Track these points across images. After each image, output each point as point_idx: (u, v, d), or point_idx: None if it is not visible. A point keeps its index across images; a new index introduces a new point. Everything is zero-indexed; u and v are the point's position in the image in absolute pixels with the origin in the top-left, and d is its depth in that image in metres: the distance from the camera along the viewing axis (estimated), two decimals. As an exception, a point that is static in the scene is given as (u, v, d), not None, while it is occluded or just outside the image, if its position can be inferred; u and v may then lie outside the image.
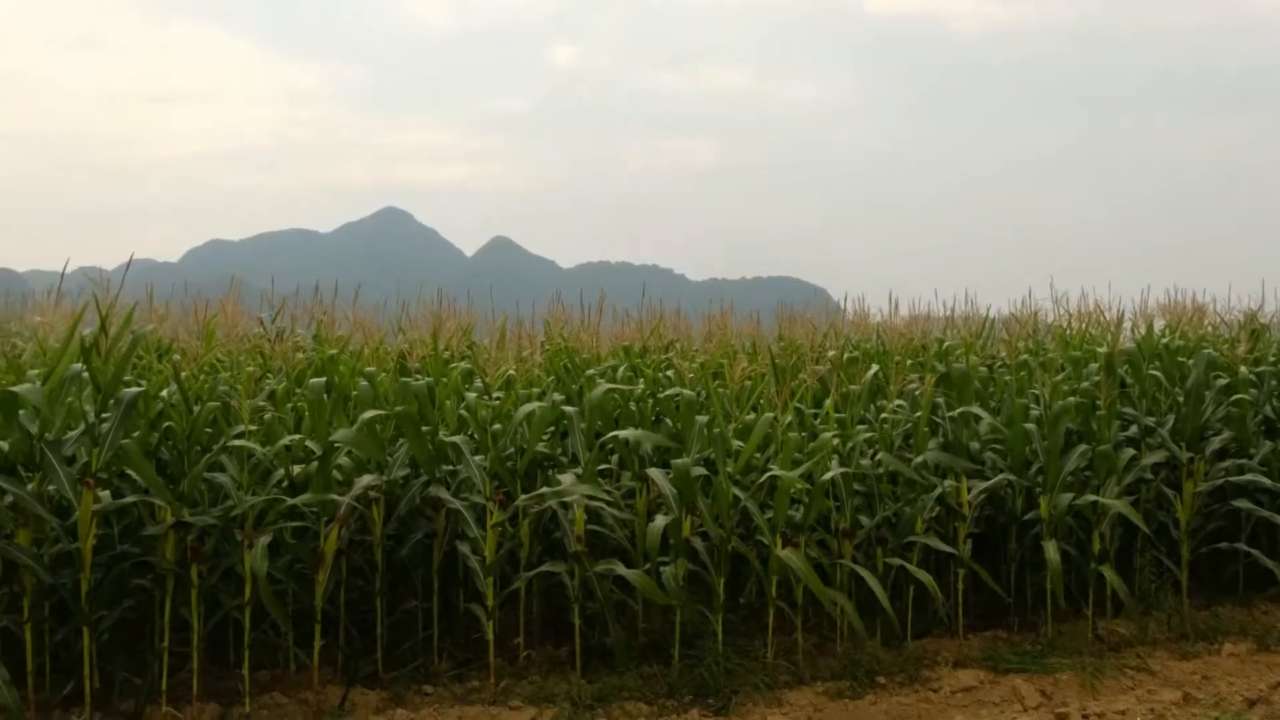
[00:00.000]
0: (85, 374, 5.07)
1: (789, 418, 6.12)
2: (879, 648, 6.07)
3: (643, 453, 6.35)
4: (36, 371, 5.32)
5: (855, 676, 5.75)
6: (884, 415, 6.73)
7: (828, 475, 5.89)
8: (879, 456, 6.44)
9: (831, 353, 7.99)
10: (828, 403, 6.55)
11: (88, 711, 4.95)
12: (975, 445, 6.88)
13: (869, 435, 6.53)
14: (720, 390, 6.63)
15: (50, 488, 4.97)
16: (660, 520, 5.56)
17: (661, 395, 6.69)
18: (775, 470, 5.75)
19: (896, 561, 6.19)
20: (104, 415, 5.06)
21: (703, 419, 6.04)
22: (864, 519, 6.28)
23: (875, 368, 7.30)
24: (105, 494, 5.19)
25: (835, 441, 6.21)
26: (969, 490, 6.46)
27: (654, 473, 5.80)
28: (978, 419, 6.88)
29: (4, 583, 5.12)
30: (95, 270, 6.29)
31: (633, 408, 6.62)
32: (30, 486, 4.94)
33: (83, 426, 5.08)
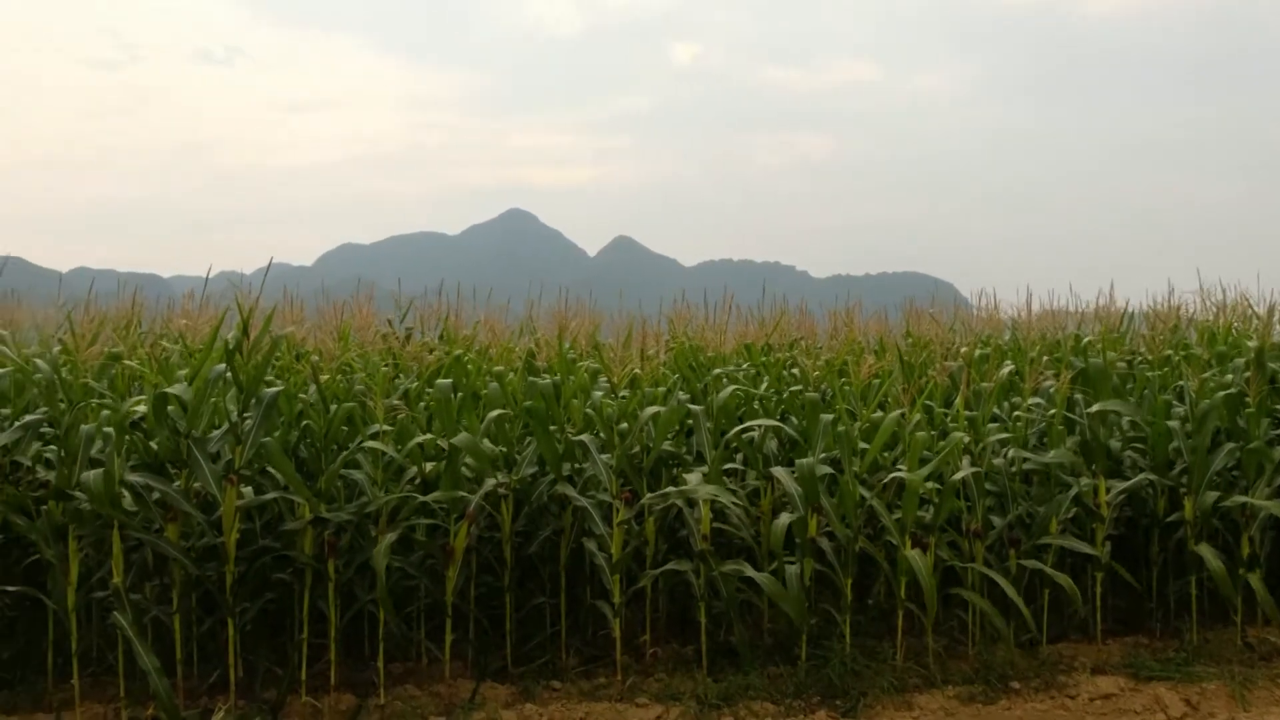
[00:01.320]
0: (228, 375, 5.28)
1: (917, 416, 6.01)
2: (1012, 651, 5.91)
3: (767, 451, 6.32)
4: (184, 373, 5.56)
5: (988, 681, 5.62)
6: (1017, 413, 6.56)
7: (958, 475, 5.76)
8: (1011, 455, 6.27)
9: (962, 349, 7.82)
10: (958, 400, 6.40)
11: (232, 699, 5.15)
12: (1115, 444, 6.65)
13: (1002, 434, 6.36)
14: (846, 388, 6.56)
15: (196, 484, 5.20)
16: (784, 518, 5.52)
17: (786, 394, 6.64)
18: (903, 469, 5.66)
19: (1031, 564, 6.02)
20: (246, 414, 5.26)
21: (828, 417, 5.98)
22: (996, 519, 6.13)
23: (1009, 364, 7.12)
24: (248, 490, 5.40)
25: (966, 440, 6.08)
26: (1107, 490, 6.25)
27: (779, 472, 5.76)
28: (1117, 416, 6.64)
29: (155, 574, 5.38)
30: (234, 274, 6.53)
31: (757, 406, 6.58)
32: (178, 483, 5.17)
33: (226, 425, 5.29)
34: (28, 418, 5.19)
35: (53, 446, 5.42)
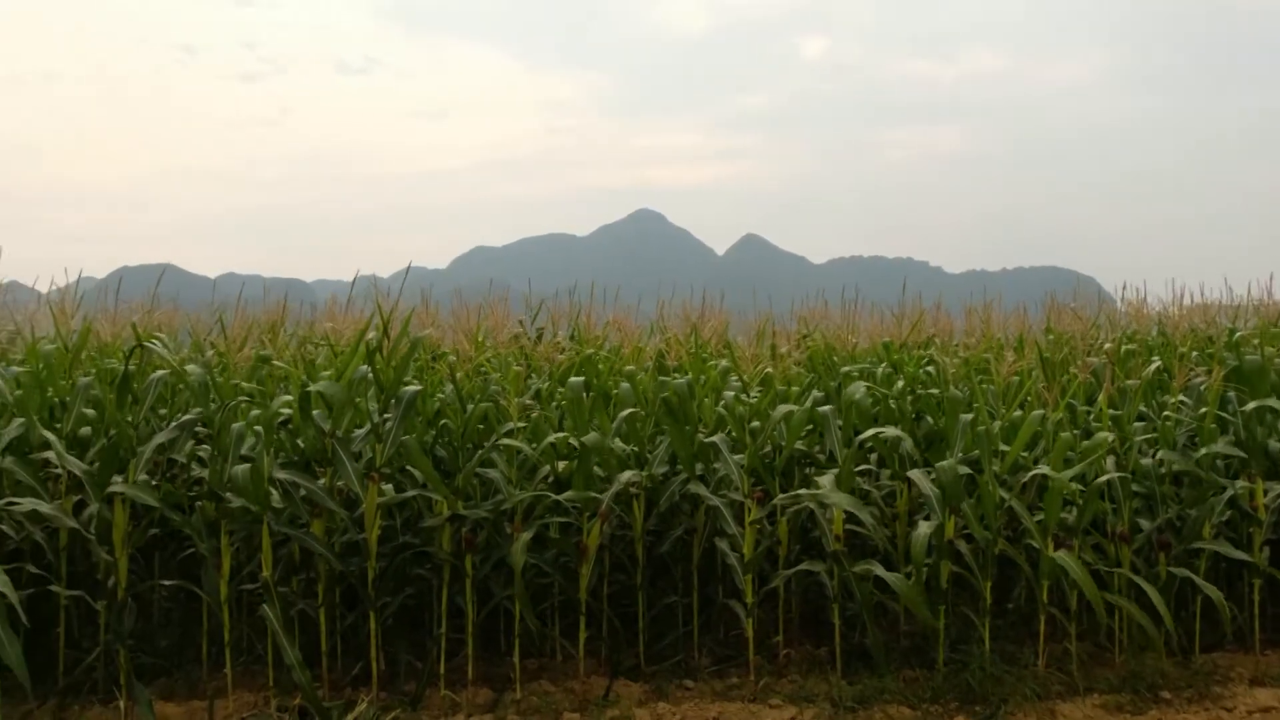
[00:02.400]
0: (370, 375, 5.43)
1: (1060, 415, 5.83)
2: (1162, 660, 5.68)
3: (903, 452, 6.20)
4: (328, 374, 5.74)
5: (1136, 690, 5.42)
6: (1165, 412, 6.30)
7: (1104, 476, 5.57)
8: (1160, 455, 6.03)
9: (1106, 345, 7.55)
10: (1101, 398, 6.18)
11: (375, 691, 5.30)
12: (1274, 444, 6.33)
13: (1149, 435, 6.12)
14: (985, 387, 6.40)
15: (340, 482, 5.36)
16: (925, 527, 5.38)
17: (922, 392, 6.52)
18: (1045, 470, 5.49)
19: (1182, 571, 5.77)
20: (386, 414, 5.40)
21: (966, 417, 5.84)
22: (1143, 522, 5.90)
23: (1155, 361, 6.85)
24: (388, 488, 5.54)
25: (1111, 439, 5.86)
26: (1265, 493, 5.95)
27: (915, 474, 5.64)
28: (1275, 415, 6.33)
29: (301, 569, 5.57)
30: (373, 278, 6.72)
31: (892, 405, 6.48)
32: (322, 481, 5.35)
33: (368, 425, 5.45)
34: (183, 417, 5.42)
35: (206, 445, 5.67)
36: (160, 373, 5.54)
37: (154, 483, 5.56)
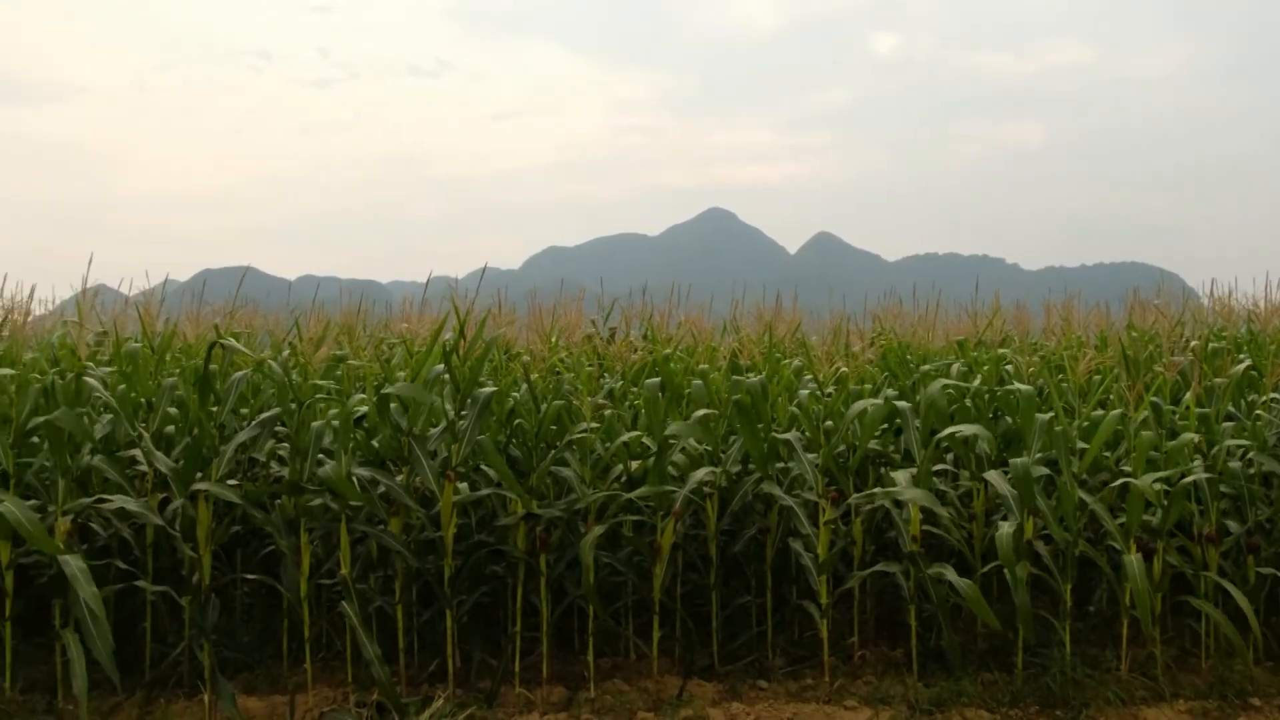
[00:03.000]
0: (445, 375, 5.48)
1: (1143, 414, 5.70)
2: (1250, 666, 5.53)
3: (980, 451, 6.11)
4: (404, 373, 5.81)
5: (1224, 696, 5.28)
6: (1256, 411, 6.12)
7: (1190, 478, 5.43)
8: (1250, 456, 5.86)
9: (1192, 342, 7.36)
10: (1188, 397, 6.03)
11: (451, 688, 5.35)
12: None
13: (1240, 436, 5.95)
14: (1063, 385, 6.27)
15: (416, 480, 5.42)
16: (1006, 526, 5.29)
17: (999, 391, 6.41)
18: (1128, 471, 5.37)
19: (1270, 571, 5.61)
20: (462, 413, 5.45)
21: (1044, 416, 5.73)
22: (1232, 524, 5.74)
23: (1244, 358, 6.66)
24: (464, 486, 5.59)
25: (1197, 439, 5.71)
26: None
27: (993, 475, 5.55)
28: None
29: (379, 566, 5.64)
30: (447, 279, 6.78)
31: (968, 404, 6.38)
32: (399, 479, 5.41)
33: (443, 424, 5.50)
34: (263, 416, 5.52)
35: (285, 444, 5.77)
36: (241, 373, 5.65)
37: (235, 480, 5.67)
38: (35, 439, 5.44)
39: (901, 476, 5.52)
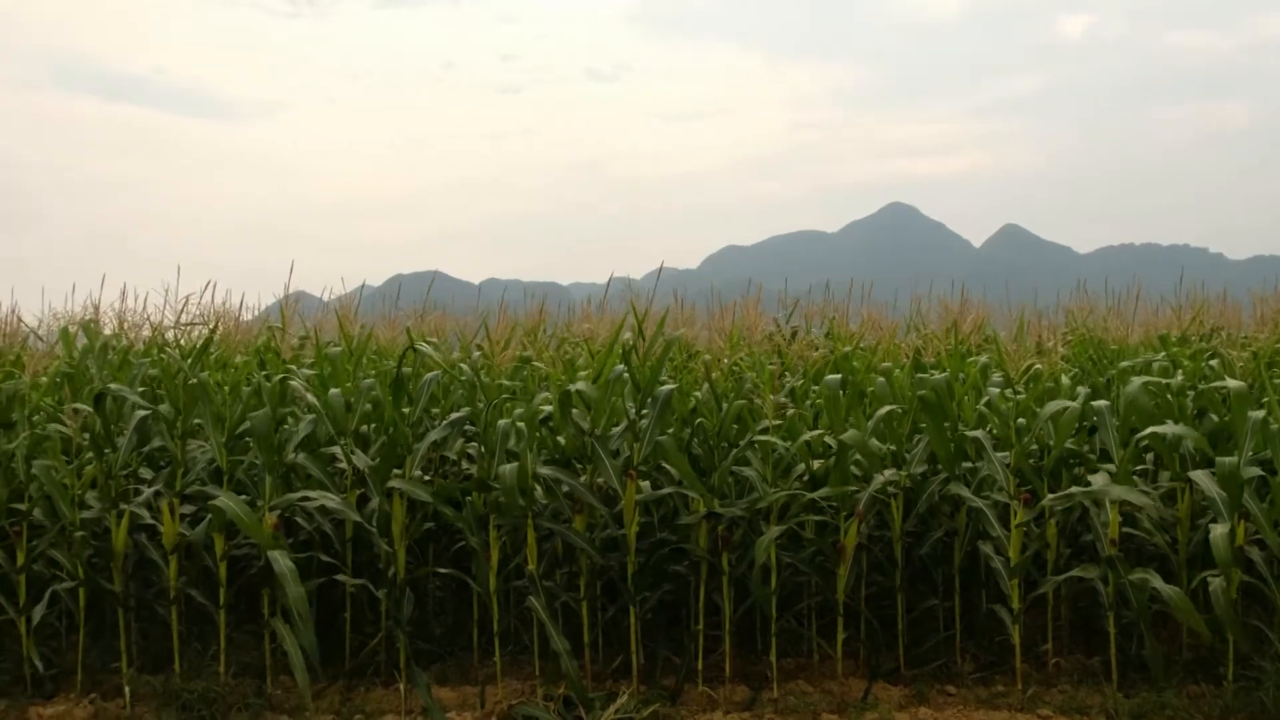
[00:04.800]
0: (626, 375, 5.55)
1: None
2: None
3: (1184, 451, 5.79)
4: (586, 373, 5.91)
5: None
6: None
7: None
8: None
9: None
10: None
11: (635, 684, 5.41)
12: None
13: None
14: (1278, 382, 5.88)
15: (599, 479, 5.51)
16: (1220, 529, 5.00)
17: (1204, 388, 6.06)
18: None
19: None
20: (643, 413, 5.51)
21: (1257, 414, 5.39)
22: None
23: None
24: (645, 485, 5.65)
25: None
26: None
27: (1199, 475, 5.25)
28: None
29: (564, 563, 5.76)
30: (625, 280, 6.87)
31: (1170, 401, 6.05)
32: (583, 478, 5.51)
33: (624, 423, 5.57)
34: (453, 415, 5.71)
35: (474, 443, 5.95)
36: (433, 374, 5.86)
37: (427, 478, 5.88)
38: (246, 438, 5.76)
39: (1100, 478, 5.29)
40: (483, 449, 5.59)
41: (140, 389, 5.94)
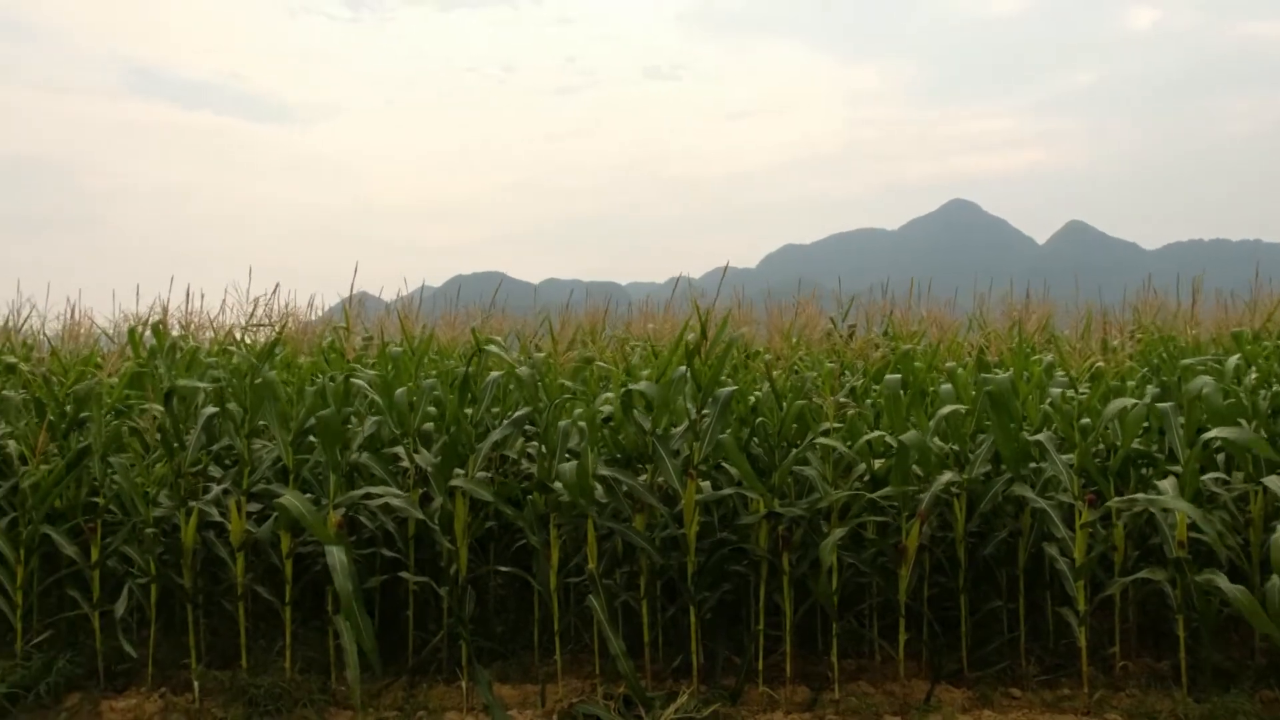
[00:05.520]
0: (687, 375, 5.55)
1: None
2: None
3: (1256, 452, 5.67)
4: (646, 373, 5.92)
5: None
6: None
7: None
8: None
9: None
10: None
11: (695, 684, 5.41)
12: None
13: None
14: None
15: (659, 479, 5.52)
16: (1282, 534, 4.90)
17: (1277, 387, 5.93)
18: None
19: None
20: (703, 413, 5.51)
21: (1332, 414, 5.27)
22: None
23: None
24: (705, 485, 5.65)
25: None
26: None
27: (1272, 480, 5.14)
28: None
29: (623, 562, 5.77)
30: (686, 279, 6.86)
31: (1243, 401, 5.93)
32: (643, 478, 5.52)
33: (685, 423, 5.57)
34: (515, 415, 5.75)
35: (535, 442, 5.98)
36: (496, 374, 5.90)
37: (489, 477, 5.92)
38: (311, 437, 5.85)
39: (1167, 483, 5.19)
40: (543, 448, 5.62)
41: (208, 388, 6.06)
